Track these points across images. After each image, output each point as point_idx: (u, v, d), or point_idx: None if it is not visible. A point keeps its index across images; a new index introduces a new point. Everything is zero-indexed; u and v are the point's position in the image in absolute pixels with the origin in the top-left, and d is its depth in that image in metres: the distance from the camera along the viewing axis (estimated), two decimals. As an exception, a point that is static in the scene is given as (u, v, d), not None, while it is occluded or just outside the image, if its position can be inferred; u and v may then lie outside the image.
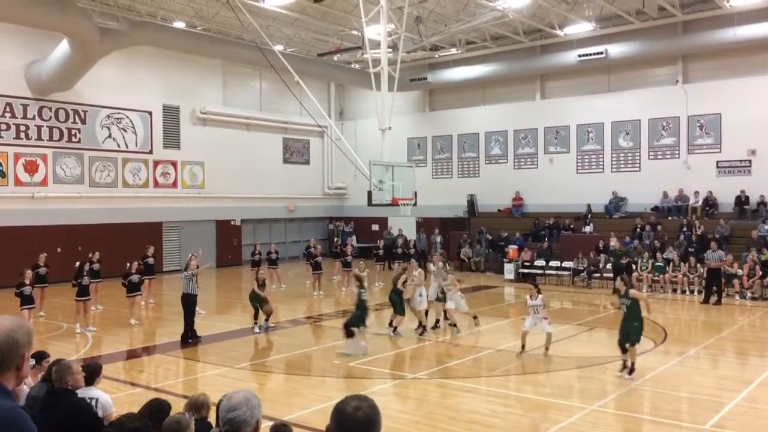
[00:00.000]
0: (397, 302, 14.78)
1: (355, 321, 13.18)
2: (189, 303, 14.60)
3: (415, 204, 19.57)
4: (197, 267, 15.08)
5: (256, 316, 15.61)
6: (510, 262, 25.31)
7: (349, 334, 12.98)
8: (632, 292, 11.23)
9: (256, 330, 15.39)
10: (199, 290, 15.15)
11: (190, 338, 14.40)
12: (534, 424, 8.76)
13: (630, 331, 10.90)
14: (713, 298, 18.96)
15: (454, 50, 29.75)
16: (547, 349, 12.58)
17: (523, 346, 12.61)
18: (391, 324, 14.94)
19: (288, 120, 33.14)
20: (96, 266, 17.80)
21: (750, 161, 24.63)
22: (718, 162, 25.29)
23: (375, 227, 32.73)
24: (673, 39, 25.67)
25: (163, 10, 24.58)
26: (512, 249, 25.98)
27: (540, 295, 12.77)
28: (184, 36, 25.66)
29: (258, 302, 15.58)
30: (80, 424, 4.63)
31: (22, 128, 23.91)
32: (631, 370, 10.81)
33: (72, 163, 25.34)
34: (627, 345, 10.92)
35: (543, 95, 30.01)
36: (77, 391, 5.10)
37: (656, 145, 26.74)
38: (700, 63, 25.97)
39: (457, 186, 31.66)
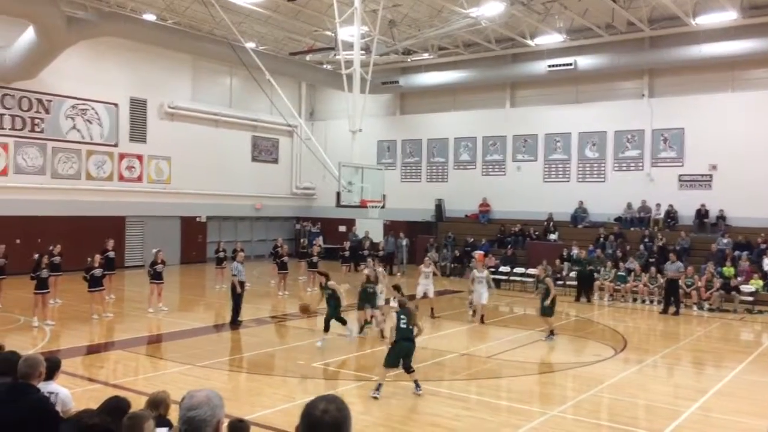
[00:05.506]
0: None
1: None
2: (235, 288, 16.17)
3: (383, 207, 19.60)
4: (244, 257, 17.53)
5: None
6: (475, 267, 25.46)
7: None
8: None
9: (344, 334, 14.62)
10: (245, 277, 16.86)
11: (235, 321, 16.04)
12: (494, 428, 8.85)
13: None
14: (672, 309, 19.38)
15: (426, 55, 29.89)
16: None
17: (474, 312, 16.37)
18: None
19: (257, 118, 32.88)
20: (56, 259, 17.41)
21: (711, 176, 25.25)
22: (680, 175, 25.88)
23: (342, 228, 32.67)
24: (640, 53, 26.20)
25: (132, 2, 24.23)
26: (478, 254, 26.17)
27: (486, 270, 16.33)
28: (153, 29, 25.26)
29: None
30: (39, 421, 4.52)
31: (-17, 116, 23.32)
32: None
33: (34, 153, 24.76)
34: None
35: (513, 103, 30.34)
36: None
37: (621, 156, 27.25)
38: (666, 78, 26.55)
39: (426, 190, 31.80)
